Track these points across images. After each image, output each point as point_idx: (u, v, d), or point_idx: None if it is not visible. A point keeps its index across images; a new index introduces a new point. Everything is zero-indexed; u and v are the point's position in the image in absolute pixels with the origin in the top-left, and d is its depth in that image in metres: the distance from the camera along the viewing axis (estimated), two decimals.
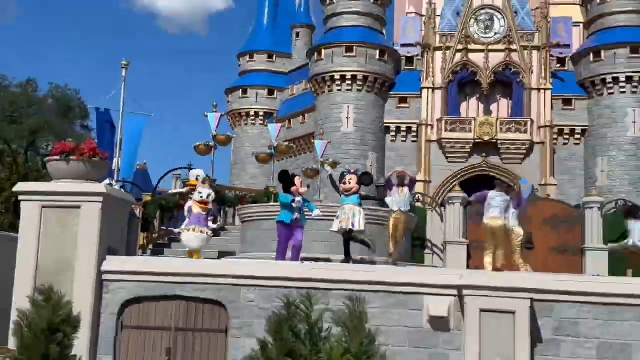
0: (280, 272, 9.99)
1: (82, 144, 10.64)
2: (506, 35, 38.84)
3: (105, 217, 10.11)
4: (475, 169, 38.33)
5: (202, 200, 11.63)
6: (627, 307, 9.18)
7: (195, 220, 11.55)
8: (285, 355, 8.97)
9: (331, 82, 39.46)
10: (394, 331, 9.53)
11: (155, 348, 10.01)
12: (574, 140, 38.78)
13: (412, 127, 39.50)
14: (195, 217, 11.57)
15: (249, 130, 47.08)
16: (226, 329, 9.92)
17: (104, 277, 10.10)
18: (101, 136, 24.38)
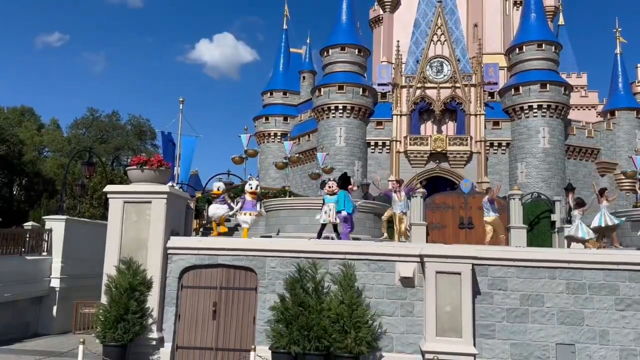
0: (294, 246, 9.97)
1: (152, 157, 10.65)
2: (452, 77, 38.68)
3: (168, 209, 10.10)
4: (431, 172, 38.18)
5: (252, 190, 11.46)
6: (541, 269, 9.15)
7: (249, 205, 11.37)
8: (298, 305, 8.97)
9: (328, 111, 39.37)
10: (376, 288, 9.51)
11: (205, 301, 10.00)
12: (501, 150, 38.63)
13: (386, 142, 39.36)
14: (248, 203, 11.39)
15: (270, 146, 46.99)
16: (256, 287, 9.90)
17: (169, 251, 10.09)
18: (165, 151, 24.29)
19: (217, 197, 11.69)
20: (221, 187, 11.90)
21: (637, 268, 8.89)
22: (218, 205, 11.48)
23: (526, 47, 38.18)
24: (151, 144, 52.67)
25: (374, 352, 9.08)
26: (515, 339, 8.96)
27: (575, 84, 47.09)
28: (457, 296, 8.72)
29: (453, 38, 39.58)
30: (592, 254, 9.38)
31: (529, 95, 37.18)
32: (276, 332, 8.92)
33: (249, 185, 11.61)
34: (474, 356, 8.58)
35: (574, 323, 8.89)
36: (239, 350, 9.68)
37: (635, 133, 39.94)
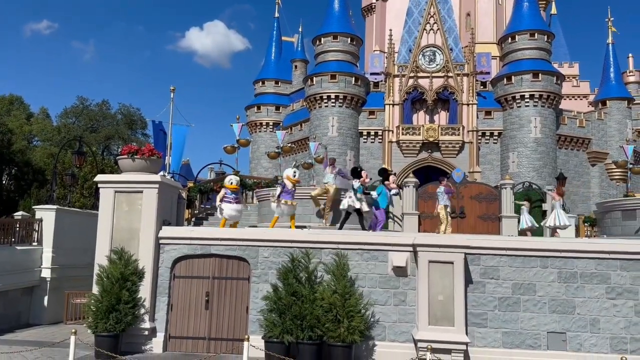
0: (287, 236, 9.94)
1: (143, 147, 10.54)
2: (444, 66, 38.60)
3: (160, 198, 10.03)
4: (423, 162, 38.22)
5: (296, 179, 11.48)
6: (533, 258, 9.20)
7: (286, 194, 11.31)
8: (291, 295, 8.97)
9: (320, 101, 39.20)
10: (369, 277, 9.52)
11: (198, 291, 9.98)
12: (493, 140, 38.71)
13: (379, 132, 39.31)
14: (287, 192, 11.31)
15: (262, 135, 46.77)
16: (249, 277, 9.88)
17: (161, 241, 10.03)
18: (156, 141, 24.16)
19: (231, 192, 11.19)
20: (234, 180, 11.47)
21: (628, 257, 8.96)
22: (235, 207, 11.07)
23: (518, 36, 38.15)
24: (142, 134, 52.29)
25: (366, 341, 9.11)
26: (507, 327, 9.02)
27: (567, 73, 47.20)
28: (450, 285, 8.74)
29: (446, 27, 39.44)
30: (584, 243, 9.44)
31: (521, 84, 37.22)
32: (269, 322, 8.92)
33: (293, 172, 11.57)
34: (466, 345, 8.63)
35: (565, 312, 8.96)
36: (232, 340, 9.69)
37: (626, 123, 40.17)
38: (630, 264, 8.94)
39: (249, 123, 47.33)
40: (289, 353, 8.77)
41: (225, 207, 11.00)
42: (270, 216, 15.69)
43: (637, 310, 8.85)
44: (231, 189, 11.22)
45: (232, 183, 11.27)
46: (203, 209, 20.02)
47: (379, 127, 39.19)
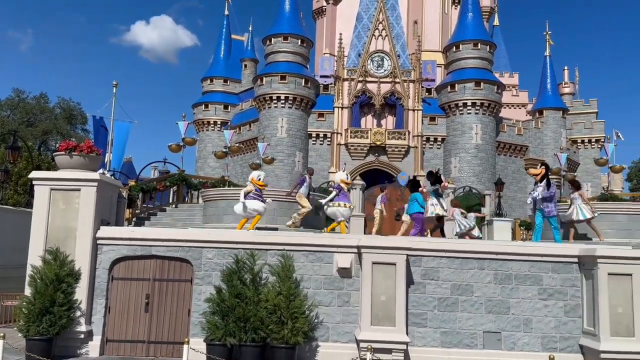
0: (232, 237, 9.81)
1: (82, 143, 10.15)
2: (392, 72, 39.41)
3: (99, 197, 9.67)
4: (370, 165, 38.85)
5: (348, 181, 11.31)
6: (471, 260, 9.49)
7: (343, 197, 11.09)
8: (235, 297, 8.86)
9: (270, 101, 39.06)
10: (314, 278, 9.54)
11: (137, 293, 9.68)
12: (437, 145, 39.87)
13: (327, 134, 39.61)
14: (343, 195, 11.10)
15: (210, 134, 46.05)
16: (191, 279, 9.68)
17: (99, 241, 9.67)
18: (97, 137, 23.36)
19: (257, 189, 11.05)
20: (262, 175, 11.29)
21: (559, 260, 9.42)
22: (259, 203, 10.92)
23: (462, 45, 39.50)
24: (82, 129, 50.19)
25: (310, 342, 9.13)
26: (446, 327, 9.27)
27: (508, 83, 49.32)
28: (392, 286, 8.89)
29: (394, 34, 40.27)
30: (519, 246, 9.84)
31: (464, 92, 38.54)
32: (211, 324, 8.78)
33: (346, 175, 11.39)
34: (407, 344, 8.80)
35: (500, 312, 9.31)
36: (172, 343, 9.46)
37: (561, 132, 42.40)
38: (560, 267, 9.40)
39: (196, 121, 46.46)
40: (231, 356, 8.67)
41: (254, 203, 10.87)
42: (216, 217, 15.49)
43: (567, 311, 9.31)
44: (259, 186, 11.08)
45: (260, 179, 11.13)
46: (145, 209, 19.45)
47: (328, 129, 39.48)
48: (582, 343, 9.11)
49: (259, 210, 10.99)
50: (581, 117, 46.33)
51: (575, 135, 45.76)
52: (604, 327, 8.64)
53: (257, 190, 11.09)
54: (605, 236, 13.75)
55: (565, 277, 9.36)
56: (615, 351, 8.54)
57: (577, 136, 45.84)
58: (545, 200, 11.07)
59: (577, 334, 9.22)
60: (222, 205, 15.27)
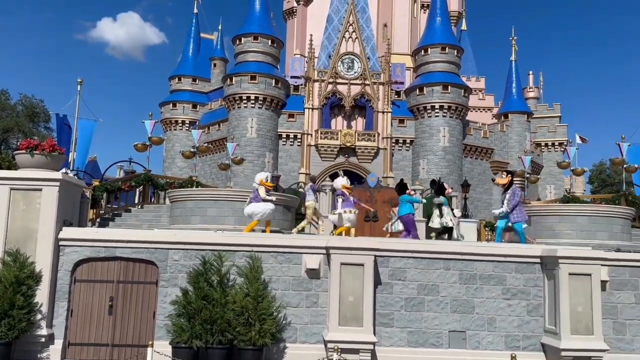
0: (199, 238, 9.70)
1: (44, 141, 9.88)
2: (362, 74, 39.66)
3: (61, 197, 9.42)
4: (340, 166, 38.98)
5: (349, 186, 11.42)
6: (437, 260, 9.64)
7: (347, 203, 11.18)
8: (202, 299, 8.76)
9: (240, 101, 38.78)
10: (282, 279, 9.52)
11: (101, 296, 9.47)
12: (405, 147, 40.33)
13: (298, 135, 39.59)
14: (347, 201, 11.18)
15: (177, 133, 45.37)
16: (157, 281, 9.53)
17: (61, 243, 9.41)
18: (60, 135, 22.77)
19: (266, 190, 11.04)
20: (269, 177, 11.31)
21: (522, 260, 9.66)
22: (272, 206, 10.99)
23: (431, 49, 40.09)
24: (45, 127, 48.70)
25: (277, 343, 9.11)
26: (412, 327, 9.39)
27: (474, 87, 50.29)
28: (360, 287, 8.95)
29: (364, 36, 40.56)
30: (483, 247, 10.06)
31: (432, 96, 39.11)
32: (177, 327, 8.66)
33: (346, 180, 11.52)
34: (374, 344, 8.87)
35: (465, 311, 9.48)
36: (137, 346, 9.28)
37: (525, 135, 43.47)
38: (523, 267, 9.65)
39: (163, 120, 45.75)
40: (198, 358, 8.57)
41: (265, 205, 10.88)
42: (183, 218, 15.29)
43: (529, 310, 9.56)
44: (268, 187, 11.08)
45: (268, 180, 11.13)
46: (110, 209, 19.03)
47: (298, 130, 39.46)
48: (543, 341, 9.36)
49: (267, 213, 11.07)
50: (545, 121, 47.63)
51: (539, 138, 47.02)
52: (565, 325, 8.90)
53: (266, 191, 11.16)
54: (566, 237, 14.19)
55: (528, 277, 9.61)
56: (575, 349, 8.81)
57: (541, 139, 47.11)
58: (512, 207, 11.32)
59: (539, 332, 9.47)
60: (189, 206, 15.09)
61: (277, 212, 15.56)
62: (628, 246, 14.43)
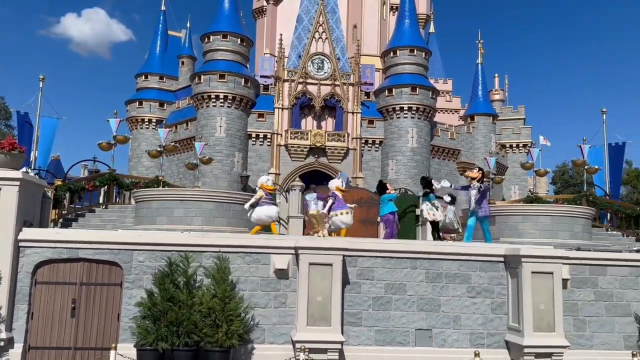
0: (164, 239, 9.56)
1: (4, 139, 9.56)
2: (332, 74, 39.79)
3: (21, 197, 9.14)
4: (310, 166, 39.05)
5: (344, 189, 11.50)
6: (404, 259, 9.76)
7: (341, 204, 11.16)
8: (167, 301, 8.63)
9: (208, 100, 38.36)
10: (250, 280, 9.48)
11: (63, 298, 9.23)
12: (375, 148, 40.67)
13: (267, 135, 39.43)
14: (340, 202, 11.17)
15: (144, 132, 44.54)
16: (121, 283, 9.35)
17: (21, 244, 9.13)
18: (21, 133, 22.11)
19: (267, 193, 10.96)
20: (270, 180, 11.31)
21: (486, 259, 9.87)
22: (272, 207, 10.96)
23: (399, 51, 40.55)
24: (5, 125, 47.11)
25: (245, 344, 9.06)
26: (380, 325, 9.48)
27: (442, 89, 51.10)
28: (328, 286, 8.98)
29: (334, 37, 40.71)
30: (449, 246, 10.23)
31: (401, 97, 39.56)
32: (142, 329, 8.51)
33: (341, 182, 11.48)
34: (342, 344, 8.92)
35: (431, 310, 9.63)
36: (100, 349, 9.09)
37: (490, 137, 44.42)
38: (488, 266, 9.86)
39: (129, 119, 44.87)
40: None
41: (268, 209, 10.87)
42: (149, 218, 15.03)
43: (493, 308, 9.76)
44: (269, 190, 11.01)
45: (269, 183, 11.10)
46: (73, 210, 18.56)
47: (268, 130, 39.31)
48: (507, 339, 9.58)
49: (272, 216, 11.05)
50: (510, 123, 48.79)
51: (504, 140, 48.14)
52: (528, 323, 9.13)
53: (267, 195, 11.07)
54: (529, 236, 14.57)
55: (492, 275, 9.82)
56: (538, 345, 9.04)
57: (506, 141, 48.24)
58: (478, 203, 11.60)
59: (503, 330, 9.69)
60: (155, 207, 14.84)
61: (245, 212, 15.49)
62: (588, 245, 14.91)
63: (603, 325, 9.88)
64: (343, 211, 11.25)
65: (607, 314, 9.92)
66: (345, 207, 11.34)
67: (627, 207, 21.98)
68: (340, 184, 11.66)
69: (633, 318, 9.92)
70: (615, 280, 10.03)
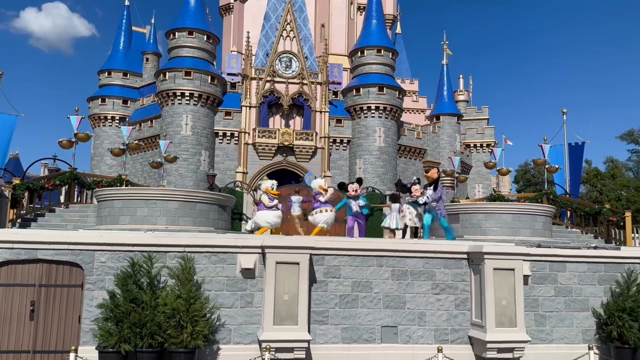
0: (127, 239, 9.35)
1: None
2: (300, 73, 39.76)
3: None
4: (278, 165, 38.93)
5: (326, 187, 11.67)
6: (370, 257, 9.83)
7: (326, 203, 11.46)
8: (130, 302, 8.46)
9: (174, 97, 37.75)
10: (216, 280, 9.38)
11: (21, 300, 8.93)
12: (342, 147, 40.85)
13: (235, 133, 39.10)
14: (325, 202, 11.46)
15: (107, 130, 43.45)
16: (82, 284, 9.11)
17: None
18: None
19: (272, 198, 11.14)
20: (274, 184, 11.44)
21: (450, 256, 10.05)
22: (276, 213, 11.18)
23: (367, 51, 40.85)
24: None
25: (210, 345, 8.97)
26: (346, 323, 9.53)
27: (408, 89, 51.76)
28: (295, 285, 8.96)
29: (301, 35, 40.68)
30: (415, 244, 10.36)
31: (368, 97, 39.87)
32: (104, 331, 8.32)
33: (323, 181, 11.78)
34: (308, 342, 8.92)
35: (397, 307, 9.74)
36: (60, 352, 8.85)
37: (455, 136, 45.25)
38: (451, 263, 10.03)
39: (91, 116, 43.74)
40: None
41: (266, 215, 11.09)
42: (111, 218, 14.67)
43: (457, 304, 9.94)
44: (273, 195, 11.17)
45: (273, 188, 11.24)
46: (32, 209, 17.98)
47: (235, 128, 39.00)
48: (470, 334, 9.77)
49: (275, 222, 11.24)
50: (474, 123, 49.81)
51: (469, 139, 49.12)
52: (490, 318, 9.32)
53: (271, 199, 11.09)
54: (492, 234, 14.90)
55: (456, 272, 10.01)
56: (500, 341, 9.24)
57: (470, 141, 49.24)
58: (435, 202, 11.82)
59: (467, 326, 9.88)
60: (117, 206, 14.50)
61: (211, 211, 15.33)
62: (549, 242, 15.35)
63: (562, 320, 10.19)
64: (322, 209, 11.36)
65: (567, 309, 10.23)
66: (327, 206, 11.45)
67: (586, 205, 22.72)
68: (322, 183, 11.79)
69: (591, 313, 10.26)
70: (574, 276, 10.35)
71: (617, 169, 54.80)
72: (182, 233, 10.66)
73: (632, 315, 9.53)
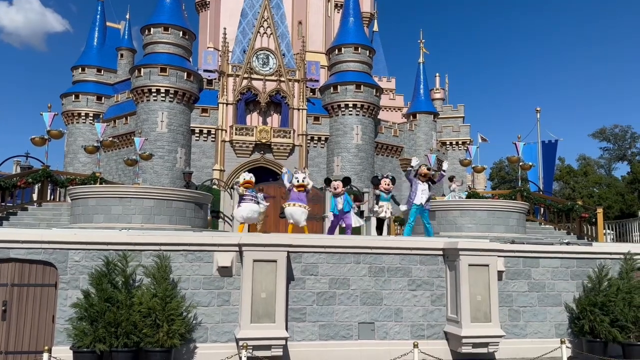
0: (101, 238, 9.21)
1: None
2: (277, 70, 39.66)
3: None
4: (256, 162, 38.78)
5: (299, 183, 11.32)
6: (348, 254, 9.88)
7: (296, 198, 11.16)
8: (105, 301, 8.35)
9: (149, 94, 37.26)
10: (192, 278, 9.31)
11: None
12: (320, 144, 40.91)
13: (212, 131, 38.80)
14: (295, 195, 11.18)
15: (80, 127, 42.70)
16: (56, 283, 8.95)
17: None
18: None
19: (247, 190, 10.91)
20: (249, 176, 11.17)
21: (426, 253, 10.17)
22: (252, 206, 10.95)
23: (344, 49, 40.96)
24: None
25: (187, 344, 8.91)
26: (324, 320, 9.56)
27: (385, 87, 52.05)
28: (273, 283, 8.95)
29: (279, 32, 40.55)
30: (391, 241, 10.45)
31: (346, 94, 40.01)
32: (79, 331, 8.19)
33: (295, 178, 11.40)
34: (286, 340, 8.93)
35: (374, 303, 9.81)
36: (34, 353, 8.69)
37: (432, 134, 45.74)
38: (427, 259, 10.15)
39: (65, 113, 42.92)
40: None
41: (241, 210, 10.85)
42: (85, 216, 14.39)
43: (433, 300, 10.06)
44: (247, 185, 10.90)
45: (245, 178, 10.96)
46: (4, 208, 17.57)
47: (212, 125, 38.70)
48: (446, 330, 9.90)
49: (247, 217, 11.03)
50: (450, 121, 50.44)
51: (445, 137, 49.72)
52: (465, 314, 9.46)
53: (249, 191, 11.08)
54: (467, 230, 15.10)
55: (432, 268, 10.13)
56: (475, 336, 9.39)
57: (446, 138, 49.85)
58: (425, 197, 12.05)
59: (442, 321, 10.02)
60: (92, 204, 14.22)
61: (188, 209, 15.16)
62: (522, 238, 15.59)
63: (536, 314, 10.40)
64: (295, 203, 11.34)
65: (540, 304, 10.44)
66: (299, 201, 11.40)
67: (559, 202, 23.18)
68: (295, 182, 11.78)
69: (563, 307, 10.49)
70: (547, 272, 10.57)
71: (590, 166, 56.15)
72: (158, 231, 10.53)
73: (604, 309, 9.76)
